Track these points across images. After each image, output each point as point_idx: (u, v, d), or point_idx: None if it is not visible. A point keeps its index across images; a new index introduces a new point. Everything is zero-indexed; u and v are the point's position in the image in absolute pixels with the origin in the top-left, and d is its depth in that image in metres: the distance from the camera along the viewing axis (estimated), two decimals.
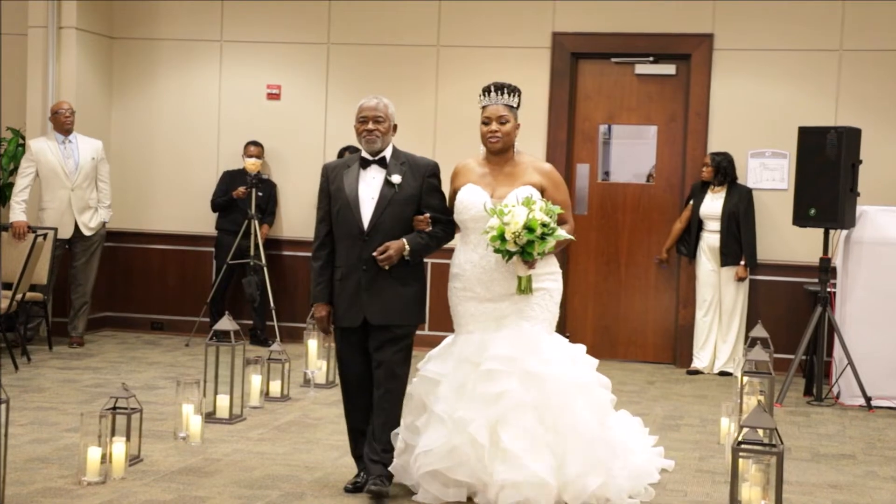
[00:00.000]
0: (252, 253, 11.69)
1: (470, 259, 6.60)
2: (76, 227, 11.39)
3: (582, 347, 6.82)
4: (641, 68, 11.85)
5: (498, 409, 6.34)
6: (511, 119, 6.60)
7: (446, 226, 6.68)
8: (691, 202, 11.41)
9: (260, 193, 11.89)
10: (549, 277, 6.63)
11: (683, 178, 11.65)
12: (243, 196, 11.83)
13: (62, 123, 11.35)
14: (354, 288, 6.50)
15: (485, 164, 6.70)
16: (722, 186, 11.27)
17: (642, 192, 11.98)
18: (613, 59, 11.90)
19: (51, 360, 10.78)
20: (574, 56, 11.90)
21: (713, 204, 11.25)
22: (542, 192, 6.56)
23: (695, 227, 11.32)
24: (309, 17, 12.43)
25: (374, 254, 6.41)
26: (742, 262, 11.17)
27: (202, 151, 12.68)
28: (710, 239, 11.27)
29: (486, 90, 6.62)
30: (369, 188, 6.53)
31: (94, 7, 12.35)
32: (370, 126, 6.51)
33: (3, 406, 5.70)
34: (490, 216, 6.33)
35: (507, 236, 6.22)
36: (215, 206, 12.20)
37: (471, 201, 6.56)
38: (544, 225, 6.24)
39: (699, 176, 11.42)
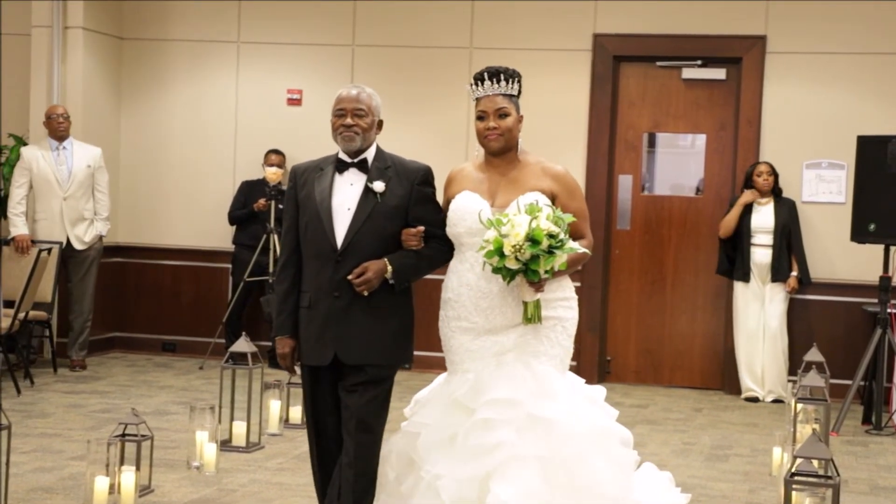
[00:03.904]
0: (271, 269, 11.71)
1: (465, 281, 5.78)
2: (67, 240, 11.31)
3: (601, 391, 6.02)
4: (689, 72, 11.86)
5: (492, 461, 5.56)
6: (512, 111, 5.78)
7: (442, 243, 5.86)
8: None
9: (280, 206, 11.93)
10: (562, 304, 5.81)
11: (733, 191, 11.62)
12: (264, 208, 11.88)
13: (56, 129, 11.34)
14: (323, 319, 5.68)
15: (483, 167, 5.90)
16: (769, 199, 11.29)
17: (689, 205, 11.99)
18: (659, 63, 11.93)
19: (55, 383, 10.84)
20: (616, 59, 11.94)
21: (762, 217, 11.27)
22: (553, 199, 5.75)
23: (746, 244, 11.34)
24: (332, 16, 12.49)
25: (350, 277, 5.60)
26: (794, 273, 11.19)
27: (218, 160, 12.75)
28: (759, 254, 11.27)
29: (479, 78, 5.81)
30: (345, 197, 5.72)
31: (101, 6, 12.44)
32: (348, 120, 5.69)
33: (5, 432, 5.75)
34: (487, 228, 5.52)
35: (507, 250, 5.38)
36: (234, 218, 12.27)
37: (465, 210, 5.76)
38: (552, 236, 5.38)
39: (745, 186, 11.39)
